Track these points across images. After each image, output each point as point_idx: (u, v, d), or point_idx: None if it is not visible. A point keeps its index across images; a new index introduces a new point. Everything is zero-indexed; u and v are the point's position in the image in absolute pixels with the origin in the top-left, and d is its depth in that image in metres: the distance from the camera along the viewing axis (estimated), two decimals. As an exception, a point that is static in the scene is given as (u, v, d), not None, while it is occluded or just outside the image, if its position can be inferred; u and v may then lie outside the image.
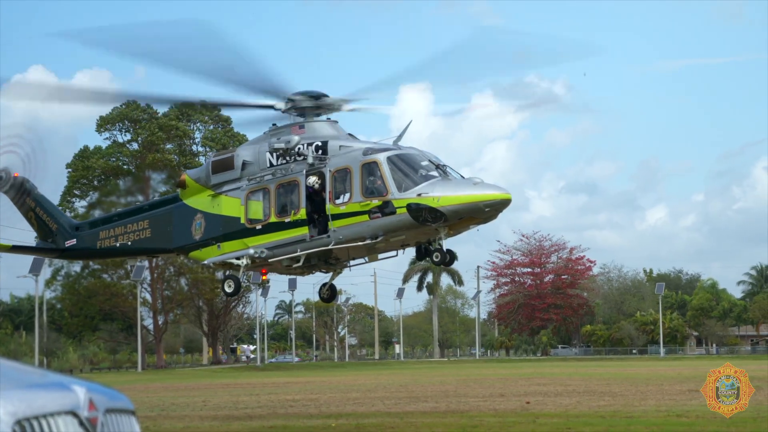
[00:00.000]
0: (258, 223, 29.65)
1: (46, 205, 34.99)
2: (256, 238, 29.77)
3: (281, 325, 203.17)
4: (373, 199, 27.30)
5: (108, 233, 33.07)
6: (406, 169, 27.20)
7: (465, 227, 27.45)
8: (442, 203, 26.33)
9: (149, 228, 31.95)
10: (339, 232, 28.02)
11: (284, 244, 29.21)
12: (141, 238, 32.10)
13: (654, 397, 40.36)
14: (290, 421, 30.80)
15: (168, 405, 41.19)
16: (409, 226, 27.03)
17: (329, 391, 51.46)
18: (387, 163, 27.30)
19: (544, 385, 53.19)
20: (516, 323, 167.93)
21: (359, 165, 27.70)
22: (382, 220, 27.23)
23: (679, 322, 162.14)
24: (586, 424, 27.02)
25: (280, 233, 29.29)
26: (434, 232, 26.98)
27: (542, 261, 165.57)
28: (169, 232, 31.68)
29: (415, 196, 26.71)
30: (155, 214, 32.16)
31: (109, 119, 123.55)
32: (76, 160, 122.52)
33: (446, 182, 26.75)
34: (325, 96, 29.85)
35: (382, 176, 27.22)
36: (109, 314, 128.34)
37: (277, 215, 29.30)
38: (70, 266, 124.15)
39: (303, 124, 29.61)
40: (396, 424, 28.56)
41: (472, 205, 26.24)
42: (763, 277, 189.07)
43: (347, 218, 27.89)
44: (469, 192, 26.37)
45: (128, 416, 5.27)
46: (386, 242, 27.77)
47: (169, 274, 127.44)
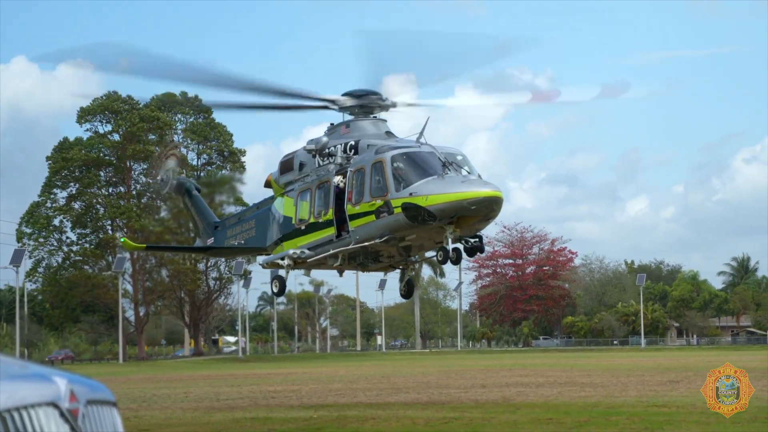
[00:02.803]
0: (303, 224, 30.15)
1: (199, 205, 36.17)
2: (302, 238, 30.22)
3: (263, 316, 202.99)
4: (378, 199, 27.37)
5: (233, 231, 33.99)
6: (408, 168, 27.02)
7: (469, 225, 26.80)
8: (430, 202, 26.16)
9: (254, 228, 32.67)
10: (356, 232, 28.18)
11: (320, 244, 29.55)
12: (249, 238, 32.81)
13: (635, 387, 40.51)
14: (272, 412, 30.81)
15: (149, 396, 41.14)
16: (406, 226, 26.93)
17: (311, 382, 51.48)
18: (390, 163, 27.20)
19: (525, 376, 53.33)
20: (498, 314, 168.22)
21: (370, 165, 27.75)
22: (385, 220, 27.25)
23: (660, 313, 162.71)
24: (567, 415, 27.11)
25: (317, 233, 29.68)
26: (441, 230, 26.67)
27: (524, 252, 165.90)
28: (263, 232, 32.39)
29: (408, 196, 26.64)
30: (259, 214, 32.94)
31: (89, 110, 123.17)
32: (56, 152, 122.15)
33: (439, 181, 26.39)
34: (377, 94, 29.89)
35: (385, 176, 27.21)
36: (91, 306, 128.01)
37: (314, 216, 29.71)
38: (51, 258, 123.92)
39: (349, 123, 29.92)
40: (377, 415, 28.60)
41: (456, 203, 25.91)
42: (743, 268, 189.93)
43: (361, 218, 27.99)
44: (455, 190, 26.08)
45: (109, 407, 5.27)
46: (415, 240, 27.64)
47: (151, 266, 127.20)
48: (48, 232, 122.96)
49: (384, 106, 30.06)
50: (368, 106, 29.95)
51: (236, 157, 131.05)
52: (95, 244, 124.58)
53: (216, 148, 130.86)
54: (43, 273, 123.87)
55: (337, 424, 25.96)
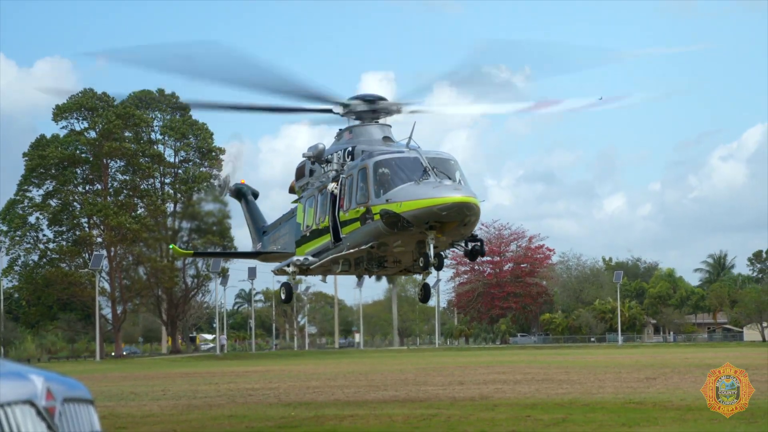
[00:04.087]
0: (308, 230, 30.37)
1: (253, 211, 36.77)
2: (308, 245, 30.38)
3: (241, 314, 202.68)
4: (361, 206, 27.33)
5: (274, 237, 34.47)
6: (387, 174, 26.89)
7: (450, 231, 26.25)
8: (404, 208, 26.02)
9: (287, 234, 33.01)
10: (347, 238, 28.18)
11: (321, 251, 29.63)
12: (284, 243, 33.12)
13: (612, 384, 40.64)
14: (250, 410, 30.77)
15: (127, 394, 41.02)
16: (386, 232, 26.79)
17: (289, 380, 51.44)
18: (372, 169, 27.11)
19: (503, 373, 53.43)
20: (475, 311, 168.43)
21: (357, 171, 27.71)
22: (367, 226, 27.18)
23: (637, 310, 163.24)
24: (545, 412, 27.17)
25: (318, 240, 29.82)
26: (422, 236, 26.43)
27: (501, 250, 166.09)
28: (291, 238, 32.70)
29: (384, 202, 26.53)
30: (289, 220, 33.25)
31: (65, 108, 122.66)
32: (33, 149, 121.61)
33: (414, 187, 26.20)
34: (382, 99, 29.78)
35: (367, 182, 27.13)
36: (67, 303, 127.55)
37: (316, 222, 29.84)
38: (28, 256, 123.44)
39: (352, 129, 29.87)
40: (355, 413, 28.60)
41: (427, 209, 25.69)
42: (719, 265, 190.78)
43: (350, 225, 27.97)
44: (426, 196, 25.92)
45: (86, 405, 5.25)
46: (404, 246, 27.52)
47: (128, 263, 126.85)
48: (24, 229, 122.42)
49: (388, 111, 30.00)
50: (373, 112, 29.87)
51: (214, 154, 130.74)
52: (72, 241, 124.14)
53: (194, 146, 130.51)
54: (20, 271, 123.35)
55: (314, 422, 25.95)
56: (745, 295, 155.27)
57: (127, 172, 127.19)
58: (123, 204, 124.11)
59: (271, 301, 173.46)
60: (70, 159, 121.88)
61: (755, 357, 70.27)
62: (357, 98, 29.84)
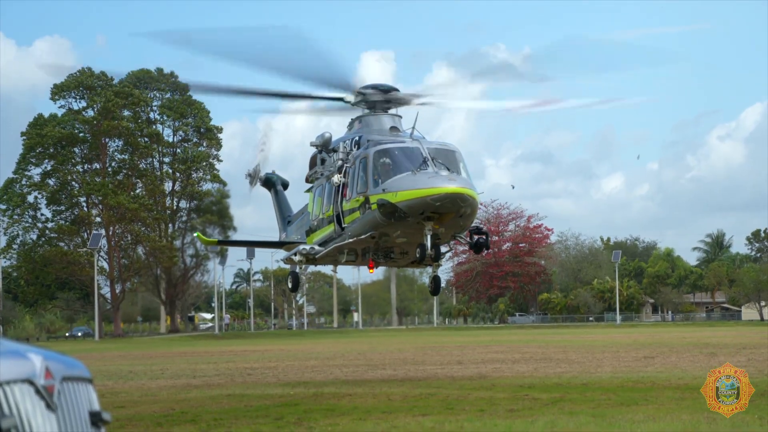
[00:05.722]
0: (316, 219, 30.37)
1: (280, 201, 36.84)
2: (315, 234, 30.44)
3: (239, 293, 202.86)
4: (361, 195, 27.25)
5: (296, 226, 34.34)
6: (386, 164, 26.77)
7: (448, 222, 26.18)
8: (399, 198, 25.89)
9: (306, 223, 32.77)
10: (348, 228, 28.12)
11: (326, 240, 29.60)
12: (304, 232, 32.86)
13: (610, 364, 40.72)
14: (248, 389, 30.84)
15: (125, 373, 41.11)
16: (383, 223, 26.66)
17: (288, 359, 51.54)
18: (372, 158, 26.99)
19: (501, 353, 53.54)
20: (474, 291, 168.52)
21: (358, 161, 27.63)
22: (366, 216, 27.11)
23: (635, 289, 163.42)
24: (542, 391, 27.24)
25: (325, 229, 29.82)
26: (420, 226, 26.26)
27: (500, 229, 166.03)
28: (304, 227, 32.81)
29: (381, 192, 26.40)
30: (305, 210, 33.19)
31: (64, 86, 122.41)
32: (31, 129, 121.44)
33: (410, 176, 26.03)
34: (394, 90, 29.67)
35: (367, 172, 27.04)
36: (66, 283, 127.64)
37: (323, 211, 29.86)
38: (27, 234, 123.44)
39: (361, 119, 29.79)
40: (354, 391, 28.66)
41: (420, 200, 25.53)
42: (717, 244, 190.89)
43: (351, 214, 27.91)
44: (420, 186, 25.76)
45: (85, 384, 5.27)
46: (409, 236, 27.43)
47: (126, 243, 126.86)
48: (23, 208, 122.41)
49: (398, 101, 29.88)
50: (382, 102, 29.77)
51: (213, 134, 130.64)
52: (70, 220, 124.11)
53: (192, 125, 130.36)
54: (18, 250, 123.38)
55: (313, 400, 26.01)
56: (743, 274, 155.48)
57: (126, 151, 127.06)
58: (121, 183, 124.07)
59: (269, 280, 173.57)
60: (68, 138, 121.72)
61: (753, 336, 70.45)
62: (368, 87, 29.74)
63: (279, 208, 36.78)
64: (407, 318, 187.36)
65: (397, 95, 29.74)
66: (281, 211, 36.60)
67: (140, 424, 20.89)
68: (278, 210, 36.79)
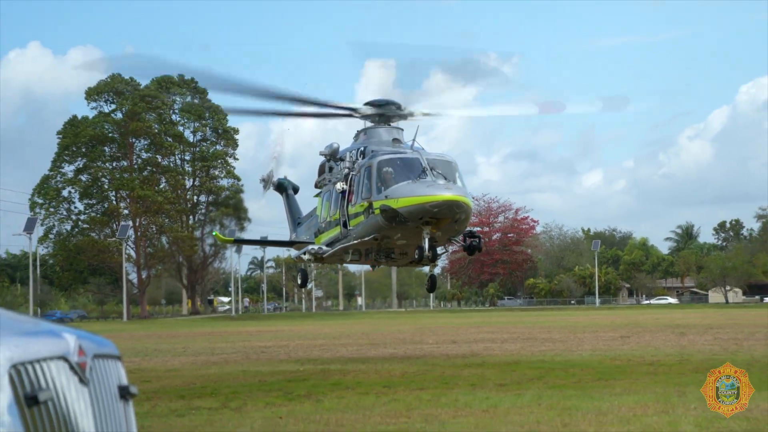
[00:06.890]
0: (324, 222, 30.34)
1: (291, 204, 36.55)
2: (323, 235, 30.43)
3: (254, 279, 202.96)
4: (365, 201, 27.30)
5: (305, 228, 34.10)
6: (389, 172, 26.79)
7: (445, 227, 26.11)
8: (400, 204, 25.96)
9: (314, 225, 32.60)
10: (353, 230, 28.14)
11: (333, 241, 29.61)
12: (312, 233, 32.69)
13: (590, 342, 40.71)
14: (262, 366, 30.86)
15: (151, 351, 41.12)
16: (386, 226, 26.71)
17: (298, 339, 51.53)
18: (377, 167, 27.03)
19: (491, 333, 53.54)
20: (466, 277, 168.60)
21: (363, 169, 27.66)
22: (369, 220, 27.15)
23: (613, 275, 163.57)
24: (529, 367, 27.25)
25: (332, 231, 29.80)
26: (419, 230, 26.30)
27: (490, 221, 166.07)
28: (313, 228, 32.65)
29: (384, 198, 26.46)
30: (314, 213, 33.03)
31: (96, 90, 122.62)
32: (66, 128, 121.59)
33: (411, 185, 26.06)
34: (396, 104, 29.69)
35: (371, 179, 27.07)
36: (97, 269, 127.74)
37: (330, 215, 29.84)
38: (61, 225, 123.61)
39: (366, 130, 29.84)
40: (358, 368, 28.69)
41: (419, 206, 25.60)
42: (687, 234, 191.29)
43: (356, 218, 27.94)
44: (420, 194, 25.82)
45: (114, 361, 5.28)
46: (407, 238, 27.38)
47: (151, 233, 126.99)
48: (58, 202, 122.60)
49: (401, 115, 29.90)
50: (386, 115, 29.78)
51: (229, 134, 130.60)
52: (101, 213, 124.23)
53: (211, 126, 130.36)
54: (54, 239, 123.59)
55: (321, 376, 26.03)
56: (710, 261, 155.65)
57: (151, 150, 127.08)
58: (147, 179, 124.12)
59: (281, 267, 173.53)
60: (99, 138, 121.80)
61: (718, 318, 70.42)
62: (371, 103, 29.79)
63: (290, 211, 36.62)
64: (406, 301, 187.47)
65: (401, 111, 29.82)
66: (292, 214, 36.46)
67: (165, 397, 20.91)
68: (289, 212, 36.63)
